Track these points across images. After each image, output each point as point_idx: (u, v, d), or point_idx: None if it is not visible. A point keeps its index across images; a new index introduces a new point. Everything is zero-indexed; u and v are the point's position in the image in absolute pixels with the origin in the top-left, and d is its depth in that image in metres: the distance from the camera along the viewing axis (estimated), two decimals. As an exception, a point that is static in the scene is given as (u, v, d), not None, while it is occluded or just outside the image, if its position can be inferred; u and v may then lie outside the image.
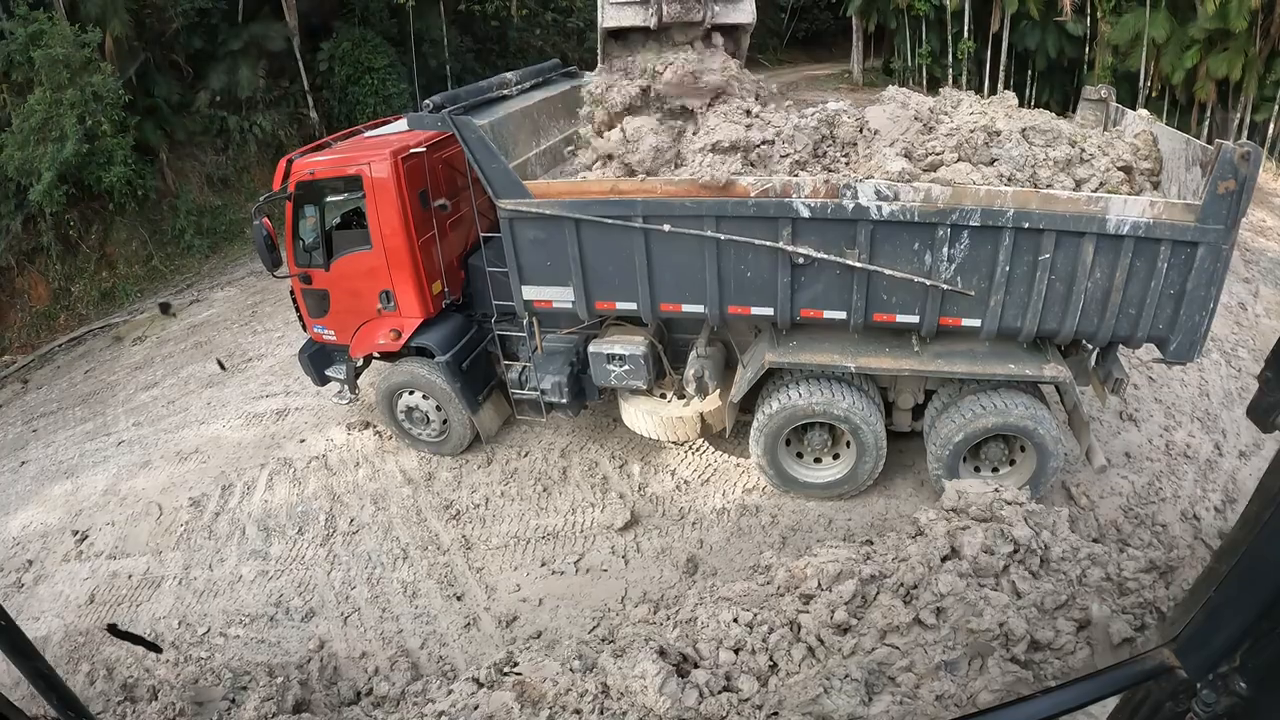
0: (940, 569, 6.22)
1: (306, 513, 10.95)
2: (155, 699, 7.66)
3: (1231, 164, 7.06)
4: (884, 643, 5.74)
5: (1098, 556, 6.81)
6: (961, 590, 5.92)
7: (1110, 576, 6.59)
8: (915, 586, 6.14)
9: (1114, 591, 6.46)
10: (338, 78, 25.16)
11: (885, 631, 5.80)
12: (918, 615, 5.83)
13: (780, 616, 6.20)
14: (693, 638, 6.19)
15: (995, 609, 5.73)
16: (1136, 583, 6.54)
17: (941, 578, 6.06)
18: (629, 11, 9.19)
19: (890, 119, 8.77)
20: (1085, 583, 6.48)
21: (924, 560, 6.30)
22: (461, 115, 8.62)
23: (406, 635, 9.06)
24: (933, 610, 5.84)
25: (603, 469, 10.88)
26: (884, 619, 5.85)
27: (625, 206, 8.34)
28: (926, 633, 5.72)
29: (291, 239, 10.66)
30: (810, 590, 6.27)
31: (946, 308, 8.32)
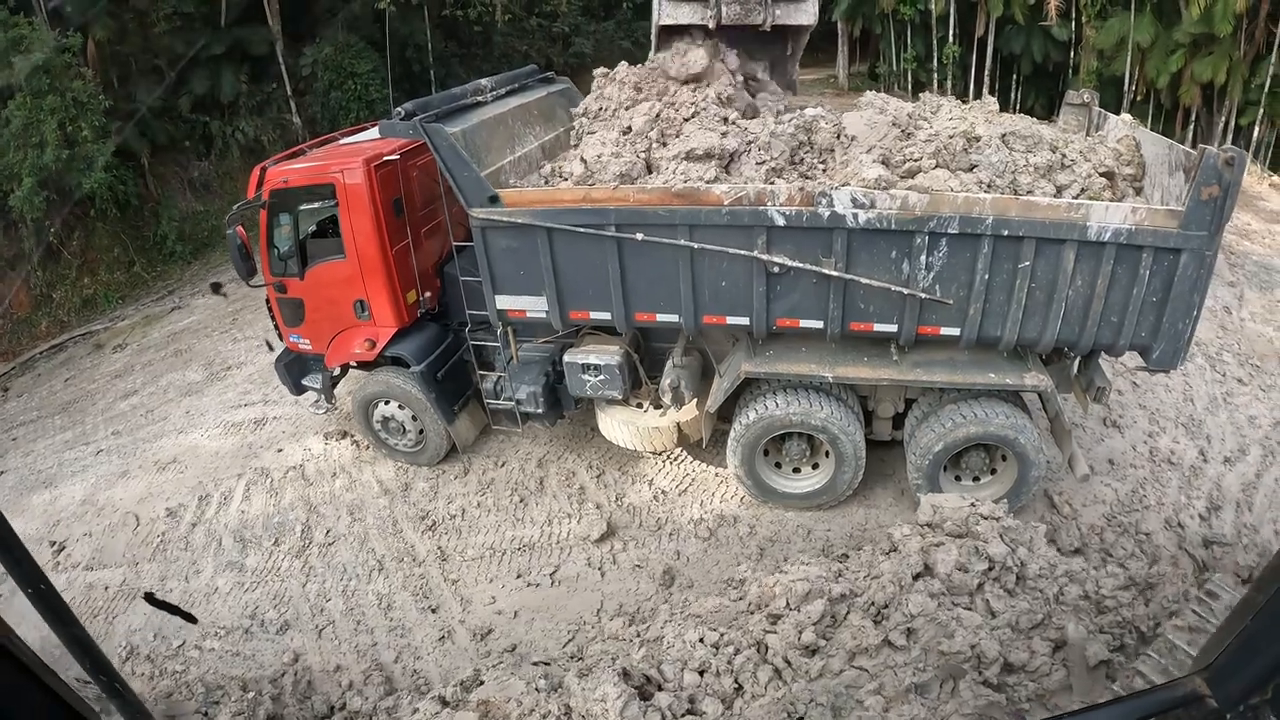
0: (912, 588, 6.10)
1: (283, 524, 10.82)
2: (129, 712, 7.52)
3: (1215, 169, 6.98)
4: (852, 665, 5.62)
5: (1075, 574, 6.71)
6: (933, 611, 5.81)
7: (1088, 594, 6.50)
8: (886, 606, 6.03)
9: (1091, 610, 6.37)
10: (320, 82, 25.03)
11: (854, 653, 5.67)
12: (887, 636, 5.71)
13: (747, 637, 6.08)
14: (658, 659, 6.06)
15: (967, 630, 5.62)
16: (1115, 600, 6.45)
17: (912, 598, 5.94)
18: (686, 9, 9.20)
19: (868, 125, 8.67)
20: (1062, 601, 6.38)
21: (895, 579, 6.18)
22: (433, 123, 8.50)
23: (381, 648, 8.96)
24: (903, 631, 5.72)
25: (580, 479, 10.78)
26: (853, 640, 5.73)
27: (598, 215, 8.22)
28: (896, 654, 5.60)
29: (266, 248, 10.53)
30: (778, 610, 6.15)
31: (925, 317, 8.22)
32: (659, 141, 8.83)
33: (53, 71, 19.23)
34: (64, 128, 19.42)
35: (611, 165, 8.41)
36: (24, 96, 19.08)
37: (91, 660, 2.02)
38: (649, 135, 8.83)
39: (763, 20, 9.21)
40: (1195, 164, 7.08)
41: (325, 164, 10.02)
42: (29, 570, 1.84)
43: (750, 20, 9.20)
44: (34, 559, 1.85)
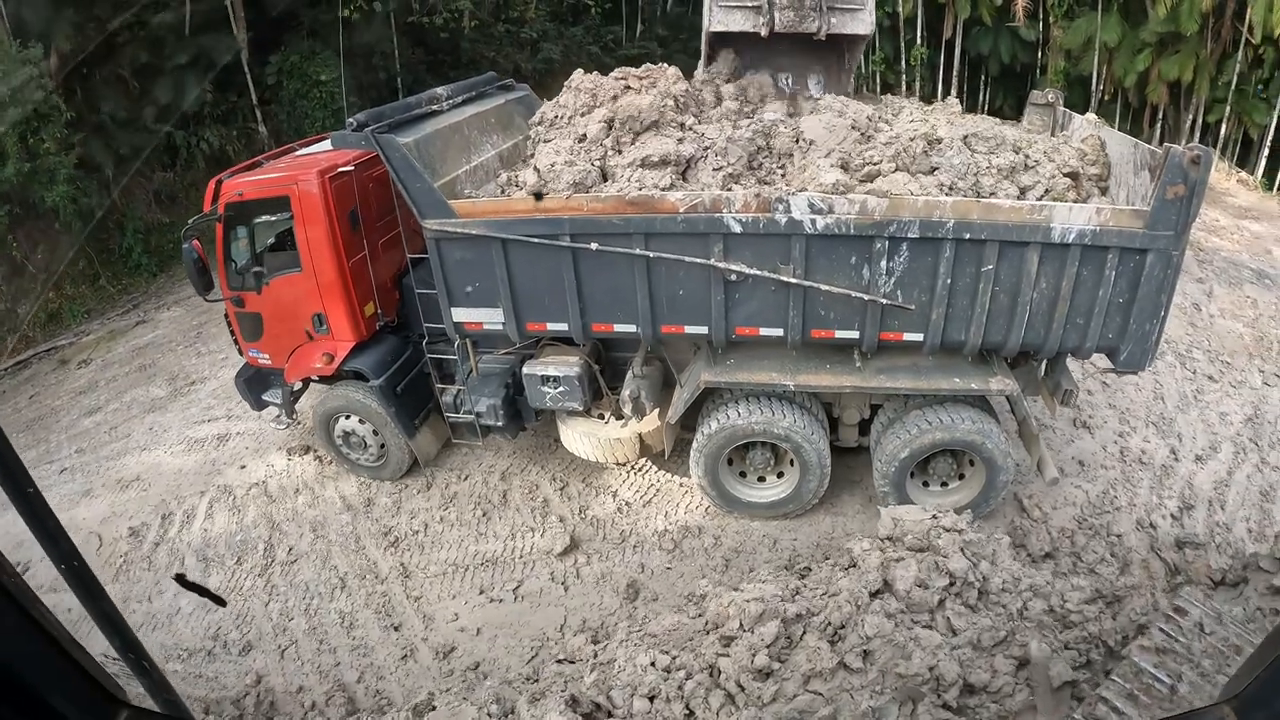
0: (869, 607, 5.96)
1: (245, 542, 10.65)
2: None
3: (1180, 168, 6.94)
4: (807, 689, 5.47)
5: (1039, 588, 6.59)
6: (890, 631, 5.67)
7: (1053, 608, 6.38)
8: (843, 626, 5.89)
9: (1056, 626, 6.25)
10: (286, 91, 24.75)
11: (809, 676, 5.53)
12: (843, 659, 5.57)
13: (699, 660, 5.94)
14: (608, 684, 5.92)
15: (926, 650, 5.49)
16: (1081, 615, 6.33)
17: (869, 618, 5.80)
18: (738, 16, 9.18)
19: (826, 129, 8.56)
20: (1026, 616, 6.25)
21: (852, 598, 6.05)
22: (385, 133, 8.33)
23: (344, 668, 8.79)
24: (859, 653, 5.58)
25: (544, 491, 10.63)
26: (808, 662, 5.58)
27: (552, 225, 8.08)
28: (853, 677, 5.46)
29: (223, 261, 10.34)
30: (731, 631, 5.99)
31: (887, 323, 8.13)
32: (614, 149, 8.69)
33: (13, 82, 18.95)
34: (25, 140, 19.16)
35: (565, 174, 8.27)
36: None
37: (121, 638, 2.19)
38: (604, 142, 8.69)
39: (817, 29, 9.16)
40: (1160, 163, 7.03)
41: (280, 176, 9.84)
42: (65, 548, 2.00)
43: (804, 28, 9.15)
44: (69, 536, 2.00)
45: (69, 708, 1.81)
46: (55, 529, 1.87)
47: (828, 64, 10.51)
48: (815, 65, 10.47)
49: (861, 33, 9.46)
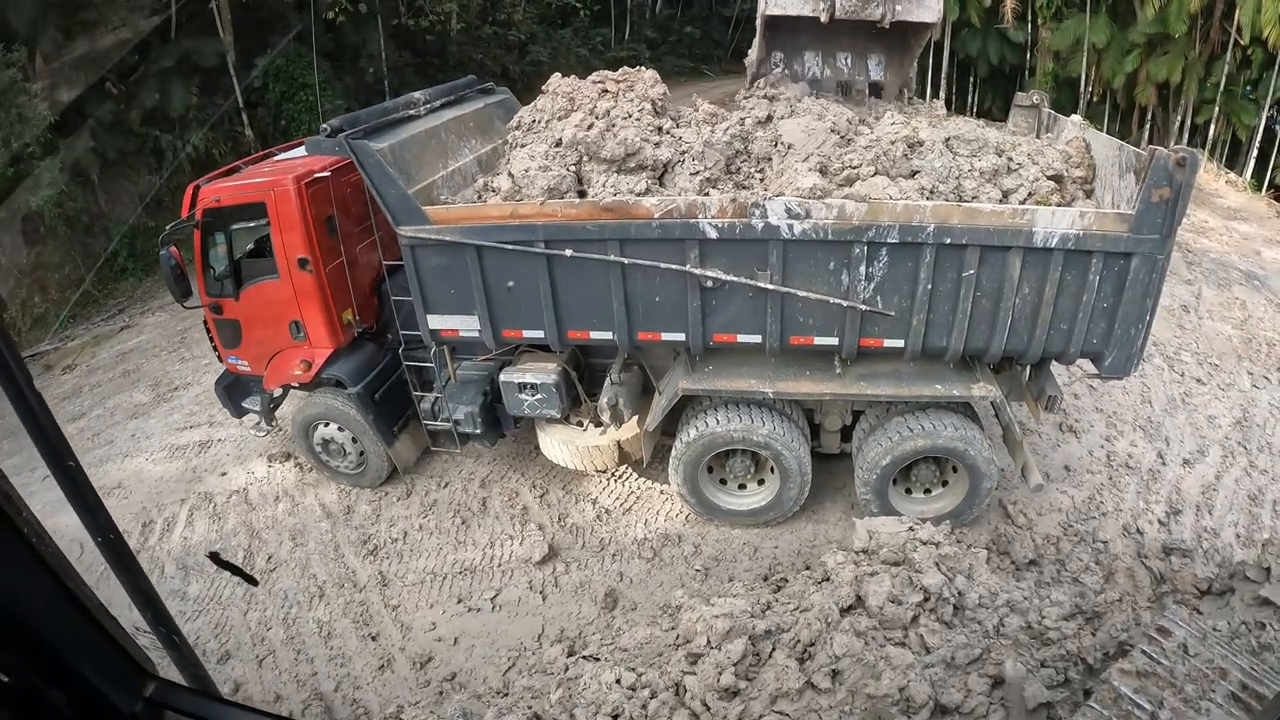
0: (839, 625, 5.85)
1: (225, 549, 10.50)
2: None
3: (1166, 170, 6.85)
4: (773, 709, 5.35)
5: (1017, 603, 6.48)
6: (859, 650, 5.55)
7: (1030, 625, 6.26)
8: (813, 644, 5.77)
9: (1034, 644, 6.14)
10: (272, 94, 24.65)
11: (776, 696, 5.40)
12: (810, 679, 5.45)
13: (665, 678, 5.82)
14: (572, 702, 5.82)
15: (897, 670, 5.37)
16: (1059, 632, 6.21)
17: (838, 637, 5.68)
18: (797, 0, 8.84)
19: (805, 132, 8.46)
20: (1003, 633, 6.14)
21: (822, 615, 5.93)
22: (359, 139, 8.23)
23: (321, 678, 8.70)
24: (828, 673, 5.46)
25: (523, 499, 10.55)
26: (776, 681, 5.46)
27: (526, 231, 7.98)
28: (821, 697, 5.34)
29: (201, 268, 10.26)
30: (698, 649, 5.88)
31: (867, 329, 8.04)
32: (589, 154, 8.60)
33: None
34: (9, 143, 19.04)
35: (539, 179, 8.16)
36: (-34, 115, 18.71)
37: (154, 612, 2.20)
38: (579, 147, 8.59)
39: (881, 16, 8.86)
40: (1146, 165, 6.94)
41: (256, 182, 9.75)
42: (102, 520, 2.05)
43: (867, 15, 8.86)
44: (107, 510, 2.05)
45: (100, 678, 1.87)
46: (94, 503, 1.97)
47: (889, 47, 10.24)
48: (876, 48, 10.22)
49: (928, 20, 9.12)
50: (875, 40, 9.89)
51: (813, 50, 10.15)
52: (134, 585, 2.09)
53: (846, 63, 10.31)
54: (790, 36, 9.81)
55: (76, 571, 1.72)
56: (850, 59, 10.27)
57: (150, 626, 2.18)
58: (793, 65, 10.20)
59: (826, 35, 9.63)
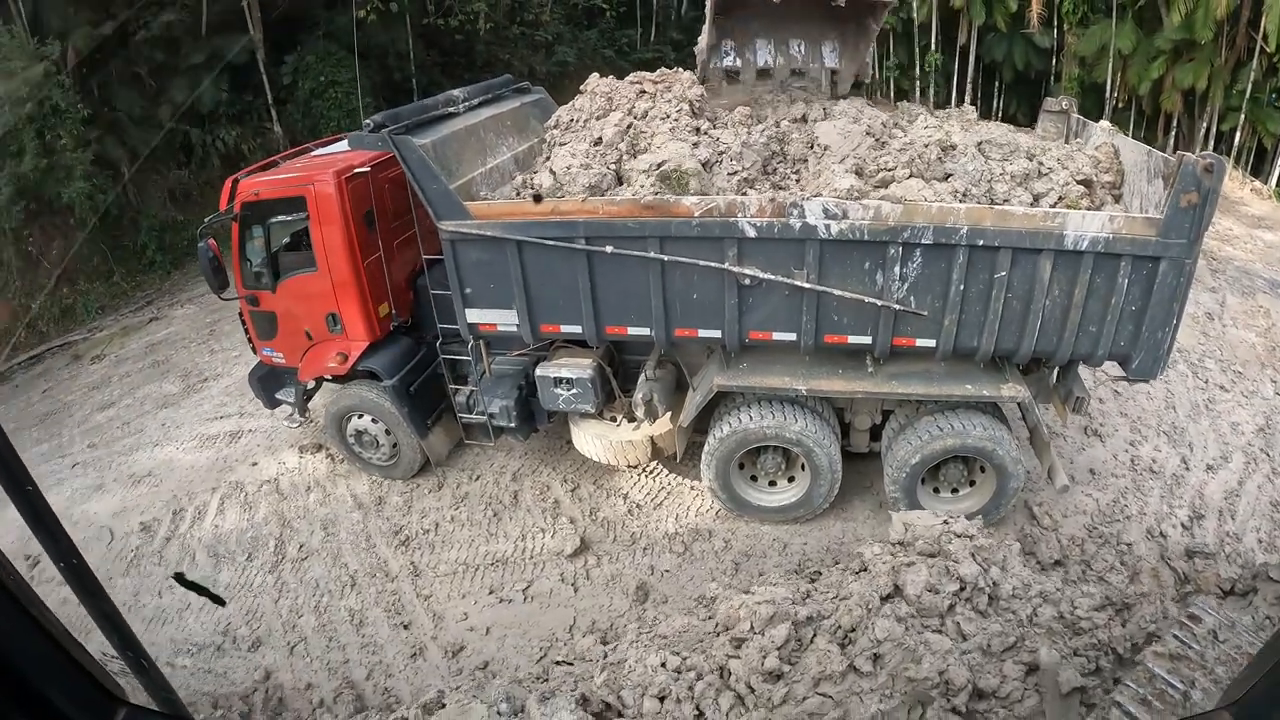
0: (879, 611, 5.97)
1: (256, 538, 10.71)
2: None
3: (1194, 176, 6.91)
4: (816, 691, 5.48)
5: (1050, 594, 6.59)
6: (900, 635, 5.68)
7: (1063, 615, 6.38)
8: (853, 629, 5.90)
9: (1066, 632, 6.25)
10: (301, 91, 24.85)
11: (819, 679, 5.53)
12: (853, 662, 5.58)
13: (710, 661, 5.96)
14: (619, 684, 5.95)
15: (936, 655, 5.49)
16: (1090, 622, 6.32)
17: (879, 622, 5.81)
18: None
19: (841, 135, 8.60)
20: (1036, 623, 6.25)
21: (863, 601, 6.06)
22: (402, 135, 8.38)
23: (353, 665, 8.83)
24: (869, 657, 5.59)
25: (554, 493, 10.68)
26: (818, 665, 5.59)
27: (567, 228, 8.11)
28: (862, 680, 5.47)
29: (238, 260, 10.41)
30: (742, 634, 6.01)
31: (900, 328, 8.13)
32: (629, 153, 8.72)
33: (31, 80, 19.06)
34: (42, 136, 19.27)
35: (581, 177, 8.29)
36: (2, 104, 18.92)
37: (120, 636, 2.19)
38: (619, 146, 8.72)
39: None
40: (1174, 171, 7.00)
41: (296, 176, 9.91)
42: (64, 545, 2.01)
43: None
44: (67, 534, 2.02)
45: (68, 705, 1.83)
46: (54, 526, 1.91)
47: (844, 32, 10.20)
48: (831, 33, 10.17)
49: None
50: (830, 25, 9.90)
51: (764, 38, 10.11)
52: (98, 610, 2.10)
53: (800, 49, 10.27)
54: (741, 24, 9.79)
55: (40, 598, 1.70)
56: (804, 46, 10.23)
57: (118, 651, 2.17)
58: (744, 54, 10.15)
59: (778, 21, 9.67)
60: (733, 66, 10.01)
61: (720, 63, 9.92)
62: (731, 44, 9.98)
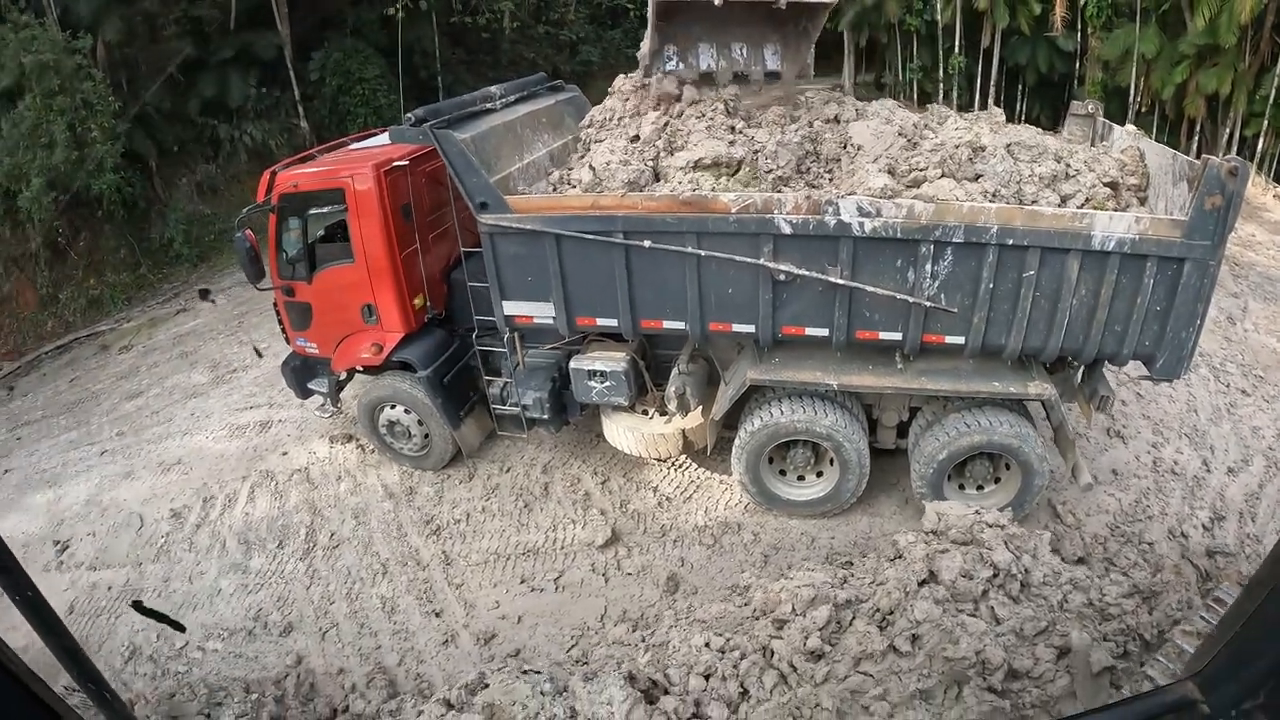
0: (917, 594, 6.12)
1: (287, 526, 10.86)
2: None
3: (1218, 179, 6.98)
4: (857, 670, 5.64)
5: (1079, 581, 6.72)
6: (938, 617, 5.83)
7: (1092, 602, 6.50)
8: (891, 612, 6.04)
9: (1096, 618, 6.38)
10: (328, 88, 25.11)
11: (859, 659, 5.69)
12: (893, 642, 5.73)
13: (753, 642, 6.11)
14: (664, 663, 6.10)
15: (972, 636, 5.63)
16: (1119, 608, 6.45)
17: (918, 604, 5.96)
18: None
19: (874, 135, 8.72)
20: (1066, 608, 6.38)
21: (900, 585, 6.20)
22: (443, 129, 8.54)
23: (384, 652, 8.97)
24: (908, 637, 5.74)
25: (585, 485, 10.81)
26: (858, 645, 5.75)
27: (605, 222, 8.24)
28: (901, 660, 5.62)
29: (275, 251, 10.58)
30: (784, 615, 6.17)
31: (930, 325, 8.23)
32: (666, 150, 8.86)
33: (63, 72, 19.30)
34: (73, 129, 19.50)
35: (620, 173, 8.45)
36: (34, 97, 19.15)
37: (80, 668, 2.05)
38: (656, 144, 8.86)
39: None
40: (1199, 174, 7.07)
41: (335, 169, 10.07)
42: (18, 578, 1.83)
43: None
44: (22, 567, 1.85)
45: None
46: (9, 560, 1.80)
47: (785, 34, 10.06)
48: (772, 35, 10.04)
49: (825, 0, 9.08)
50: (771, 28, 9.83)
51: (707, 41, 9.99)
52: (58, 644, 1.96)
53: (742, 53, 10.17)
54: (683, 28, 9.72)
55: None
56: (745, 49, 10.14)
57: (79, 684, 2.09)
58: (687, 58, 10.07)
59: (720, 25, 9.63)
60: (675, 70, 10.00)
61: (663, 67, 9.92)
62: (674, 49, 9.91)
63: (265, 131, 24.46)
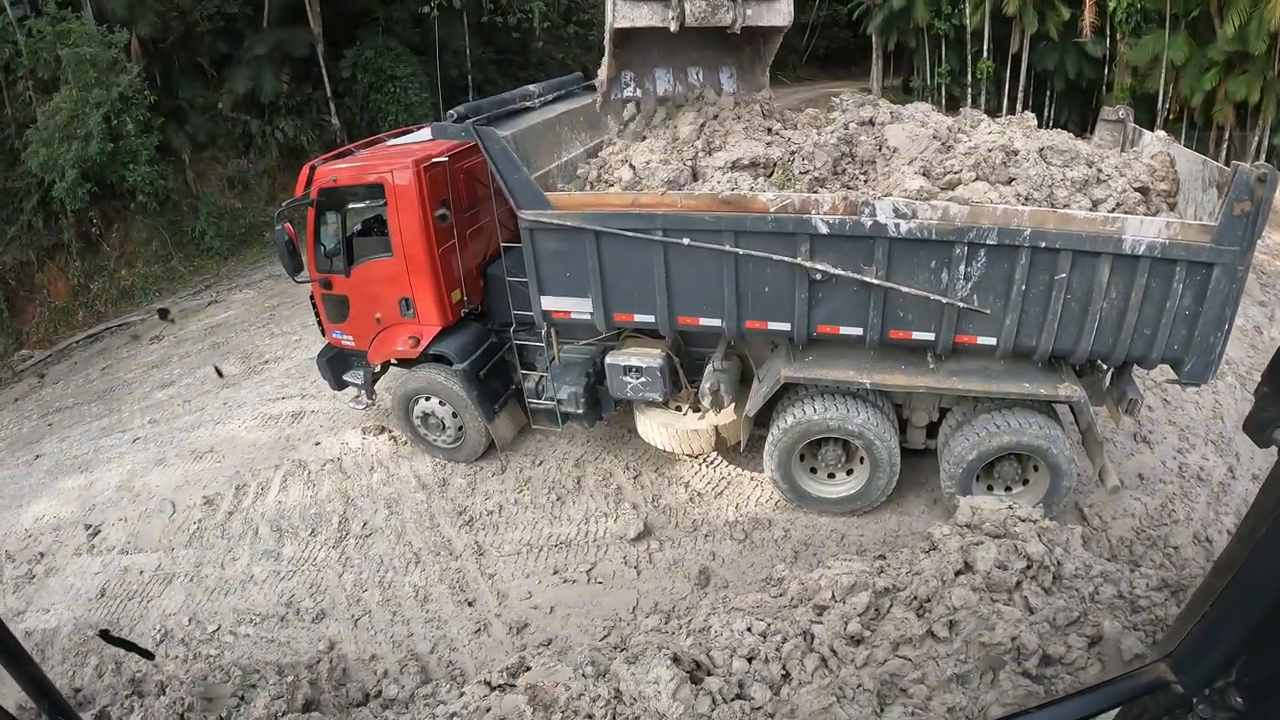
0: (954, 582, 6.23)
1: (320, 515, 11.01)
2: (164, 694, 7.62)
3: (1248, 185, 7.03)
4: (896, 654, 5.76)
5: (1110, 574, 6.79)
6: (974, 604, 5.94)
7: (1123, 594, 6.57)
8: (928, 600, 6.15)
9: (1126, 609, 6.44)
10: (360, 85, 25.32)
11: (898, 643, 5.82)
12: (930, 628, 5.84)
13: (794, 627, 6.22)
14: (706, 646, 6.22)
15: (1008, 623, 5.72)
16: (1148, 600, 6.52)
17: (955, 591, 6.07)
18: (645, 10, 8.89)
19: (909, 137, 8.82)
20: (1097, 600, 6.45)
21: (937, 574, 6.31)
22: (485, 126, 8.69)
23: (417, 639, 9.09)
24: (945, 623, 5.85)
25: (616, 480, 10.91)
26: (897, 631, 5.87)
27: (645, 220, 8.37)
28: (939, 645, 5.73)
29: (313, 245, 10.75)
30: (824, 601, 6.29)
31: (962, 325, 8.32)
32: (705, 150, 8.99)
33: (99, 66, 19.56)
34: (109, 121, 19.76)
35: (660, 172, 8.59)
36: (71, 89, 19.41)
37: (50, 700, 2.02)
38: (695, 144, 8.99)
39: (731, 21, 8.95)
40: (1228, 180, 7.12)
41: (375, 164, 10.24)
42: None
43: (717, 21, 8.93)
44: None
45: None
46: None
47: (740, 58, 10.36)
48: (727, 59, 10.33)
49: (779, 24, 9.26)
50: (726, 51, 10.09)
51: (663, 67, 10.27)
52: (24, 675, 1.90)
53: (698, 77, 10.47)
54: (640, 54, 9.96)
55: None
56: (701, 73, 10.42)
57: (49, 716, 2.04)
58: (644, 83, 10.34)
59: (676, 49, 9.85)
60: (633, 96, 10.15)
61: (620, 94, 10.06)
62: (631, 75, 10.17)
63: (297, 127, 24.69)
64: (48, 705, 2.00)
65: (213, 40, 23.71)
